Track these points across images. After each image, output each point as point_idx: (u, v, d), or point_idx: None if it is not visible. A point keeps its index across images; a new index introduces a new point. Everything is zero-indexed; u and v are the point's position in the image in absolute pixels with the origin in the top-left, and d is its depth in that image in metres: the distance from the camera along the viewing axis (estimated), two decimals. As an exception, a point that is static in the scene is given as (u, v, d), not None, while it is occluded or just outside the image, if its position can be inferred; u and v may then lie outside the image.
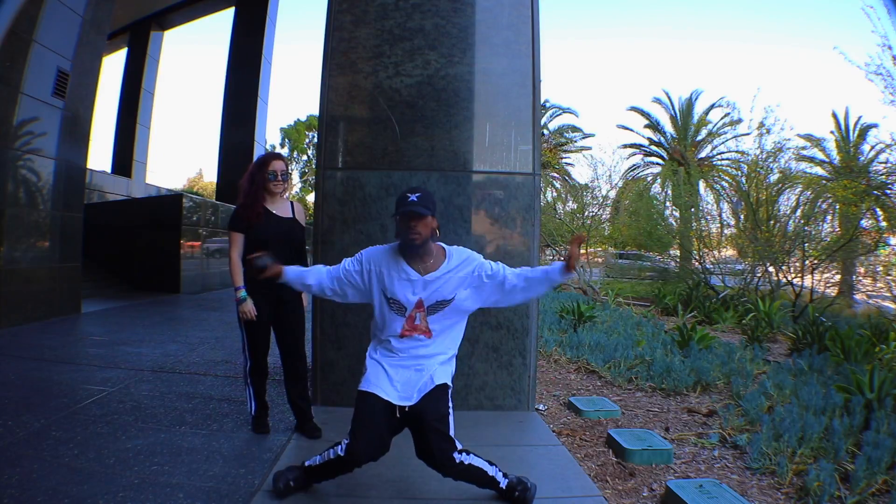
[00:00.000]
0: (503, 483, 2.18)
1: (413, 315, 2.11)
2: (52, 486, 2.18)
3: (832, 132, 17.39)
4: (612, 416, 3.44)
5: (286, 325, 2.88)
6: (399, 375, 2.11)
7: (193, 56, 68.13)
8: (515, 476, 2.22)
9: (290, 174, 2.89)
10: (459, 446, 2.12)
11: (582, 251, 12.53)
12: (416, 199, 2.02)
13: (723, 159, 19.22)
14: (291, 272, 2.21)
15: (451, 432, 2.09)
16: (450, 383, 2.16)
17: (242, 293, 2.75)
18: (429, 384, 2.09)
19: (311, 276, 2.21)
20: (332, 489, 2.28)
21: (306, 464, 2.23)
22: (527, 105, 3.53)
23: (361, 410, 2.08)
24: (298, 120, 33.41)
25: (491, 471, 2.17)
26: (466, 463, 2.11)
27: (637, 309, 8.51)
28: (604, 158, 29.73)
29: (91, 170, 11.20)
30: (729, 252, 10.93)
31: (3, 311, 5.66)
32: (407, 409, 2.08)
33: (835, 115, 17.48)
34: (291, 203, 2.95)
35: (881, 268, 8.85)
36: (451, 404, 2.13)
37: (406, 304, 2.10)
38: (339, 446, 2.11)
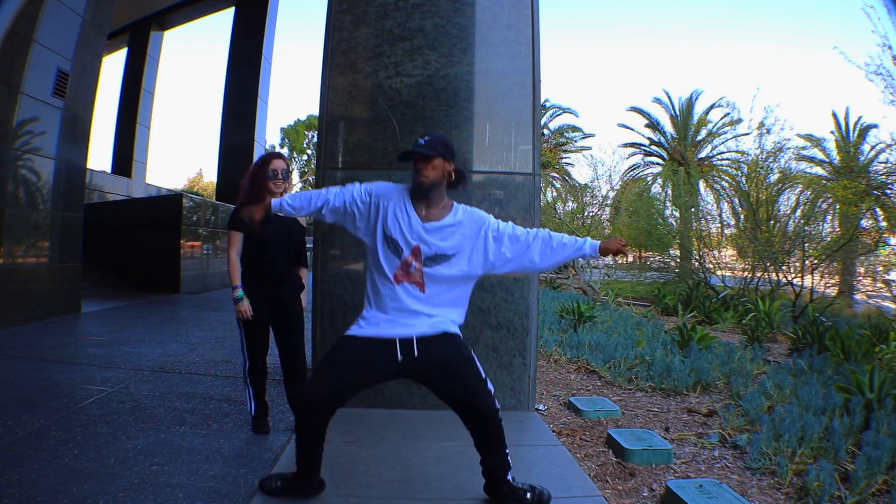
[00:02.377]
0: (509, 474, 2.12)
1: (408, 261, 2.01)
2: (52, 486, 2.18)
3: (832, 132, 17.43)
4: (612, 416, 3.44)
5: (285, 324, 2.88)
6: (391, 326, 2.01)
7: (193, 56, 68.18)
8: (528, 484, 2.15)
9: (291, 173, 2.88)
10: (492, 389, 2.06)
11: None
12: (423, 143, 1.98)
13: (723, 159, 19.24)
14: (280, 201, 2.10)
15: (482, 373, 2.04)
16: (460, 334, 2.07)
17: (239, 292, 2.75)
18: (433, 329, 2.00)
19: (313, 198, 2.09)
20: (332, 489, 2.27)
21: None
22: (527, 105, 3.52)
23: (330, 352, 2.02)
24: (298, 120, 33.50)
25: (508, 456, 2.11)
26: (500, 417, 2.06)
27: (637, 309, 8.52)
28: (604, 158, 29.78)
29: (91, 170, 11.20)
30: (729, 252, 10.93)
31: (3, 311, 5.66)
32: (415, 347, 1.96)
33: (835, 115, 17.52)
34: None
35: (881, 268, 8.86)
36: (471, 350, 2.08)
37: (403, 247, 2.01)
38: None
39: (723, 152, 19.72)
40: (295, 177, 33.06)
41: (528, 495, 2.10)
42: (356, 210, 2.07)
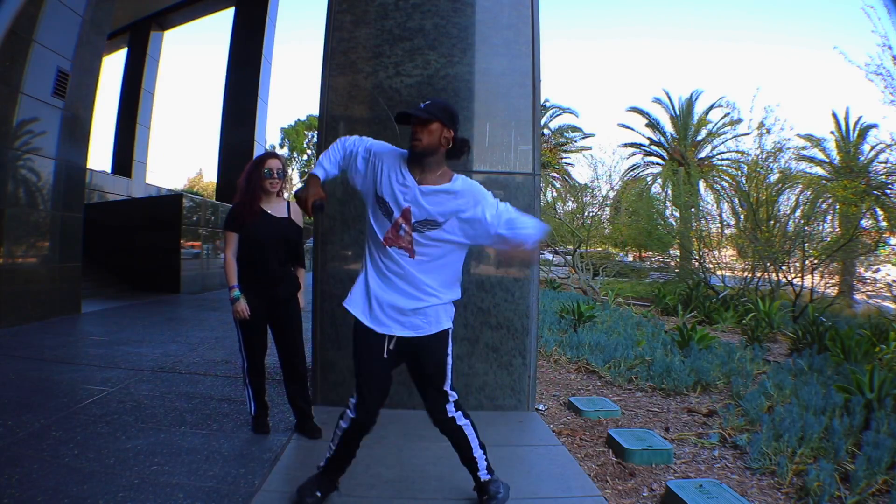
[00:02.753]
0: (483, 474, 2.13)
1: (398, 223, 1.96)
2: (52, 486, 2.18)
3: (832, 132, 17.43)
4: (612, 416, 3.44)
5: (283, 324, 2.88)
6: (387, 296, 1.99)
7: (193, 56, 68.10)
8: (503, 483, 2.16)
9: (287, 173, 2.88)
10: (454, 398, 2.11)
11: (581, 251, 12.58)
12: (423, 106, 1.95)
13: (723, 159, 19.23)
14: (325, 172, 2.03)
15: (448, 384, 2.09)
16: (451, 326, 2.09)
17: (236, 292, 2.75)
18: (426, 326, 2.01)
19: (344, 155, 2.05)
20: (332, 489, 2.28)
21: (320, 465, 2.17)
22: (527, 105, 3.52)
23: (359, 356, 2.04)
24: (298, 120, 33.50)
25: (477, 452, 2.14)
26: (458, 423, 2.11)
27: (637, 309, 8.52)
28: (604, 158, 29.74)
29: (91, 170, 11.19)
30: (729, 252, 10.94)
31: (3, 311, 5.66)
32: (396, 340, 2.01)
33: (835, 115, 17.52)
34: (288, 203, 2.93)
35: (875, 267, 8.87)
36: (450, 350, 2.08)
37: (393, 208, 1.96)
38: (347, 413, 2.08)
39: (723, 152, 19.74)
40: (295, 177, 33.07)
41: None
42: (357, 162, 2.04)
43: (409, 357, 2.08)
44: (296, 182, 32.95)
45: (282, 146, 33.16)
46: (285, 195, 2.96)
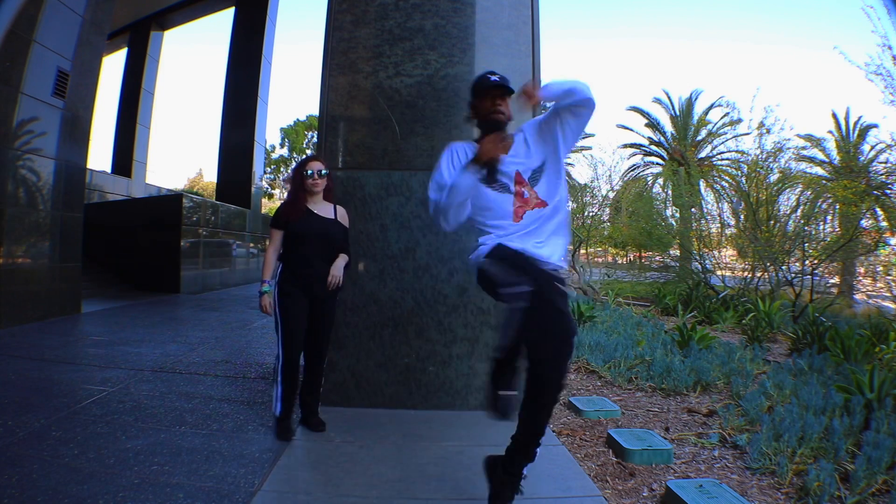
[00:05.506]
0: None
1: (520, 191, 2.02)
2: (52, 486, 2.18)
3: (831, 132, 17.43)
4: (612, 416, 3.44)
5: (320, 321, 2.92)
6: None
7: (193, 56, 68.14)
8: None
9: (328, 174, 2.95)
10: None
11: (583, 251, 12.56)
12: (499, 77, 2.01)
13: (723, 159, 19.21)
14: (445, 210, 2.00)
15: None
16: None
17: (265, 286, 2.82)
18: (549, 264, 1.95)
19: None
20: (332, 489, 2.28)
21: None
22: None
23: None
24: (298, 120, 33.41)
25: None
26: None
27: (637, 309, 8.52)
28: (604, 158, 29.76)
29: (91, 170, 11.22)
30: (729, 252, 10.95)
31: (3, 311, 5.67)
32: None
33: (835, 116, 17.53)
34: (335, 206, 3.01)
35: (881, 268, 8.87)
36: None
37: (506, 181, 2.02)
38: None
39: (723, 152, 19.72)
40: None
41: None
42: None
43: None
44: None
45: (282, 146, 33.13)
46: (327, 194, 3.01)
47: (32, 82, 6.10)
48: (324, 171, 2.92)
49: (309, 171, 2.88)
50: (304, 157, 3.06)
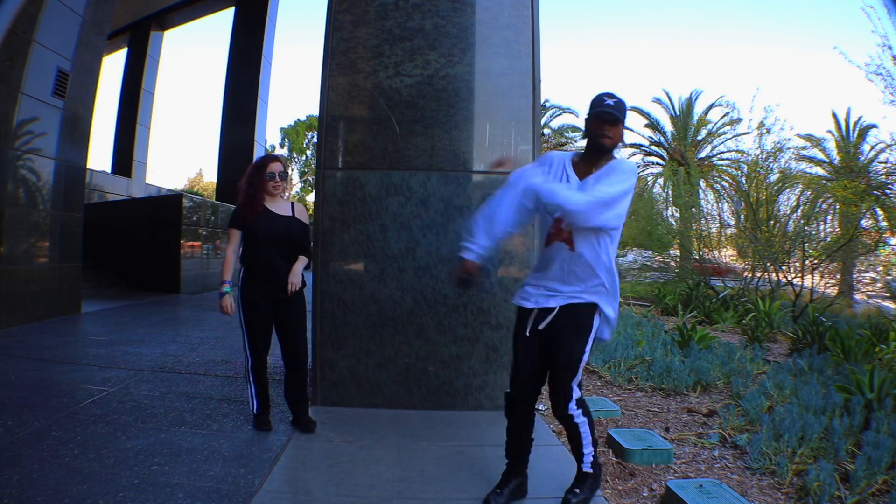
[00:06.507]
0: (587, 467, 2.17)
1: (559, 218, 2.03)
2: (52, 486, 2.18)
3: (831, 132, 17.42)
4: (612, 416, 3.44)
5: (287, 319, 2.91)
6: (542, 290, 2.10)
7: (193, 56, 68.02)
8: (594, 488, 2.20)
9: (289, 174, 2.93)
10: (577, 395, 2.09)
11: None
12: (612, 104, 2.00)
13: (723, 159, 19.21)
14: (481, 252, 2.09)
15: (576, 379, 2.08)
16: (602, 306, 2.17)
17: (226, 288, 2.84)
18: (573, 298, 2.09)
19: (497, 223, 2.07)
20: (332, 489, 2.28)
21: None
22: (527, 105, 3.52)
23: (515, 354, 2.15)
24: (298, 120, 33.42)
25: (587, 448, 2.15)
26: (575, 421, 2.09)
27: (637, 309, 8.51)
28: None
29: (91, 170, 11.21)
30: (729, 252, 10.94)
31: (3, 311, 5.66)
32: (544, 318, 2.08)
33: (835, 115, 17.52)
34: (292, 203, 2.99)
35: (881, 268, 8.87)
36: (591, 337, 2.16)
37: None
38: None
39: (723, 152, 19.71)
40: (295, 177, 33.07)
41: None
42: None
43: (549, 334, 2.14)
44: (296, 182, 32.95)
45: (282, 146, 33.12)
46: (286, 196, 2.99)
47: (32, 82, 6.10)
48: (284, 174, 2.92)
49: (270, 174, 2.85)
50: (261, 156, 3.07)
